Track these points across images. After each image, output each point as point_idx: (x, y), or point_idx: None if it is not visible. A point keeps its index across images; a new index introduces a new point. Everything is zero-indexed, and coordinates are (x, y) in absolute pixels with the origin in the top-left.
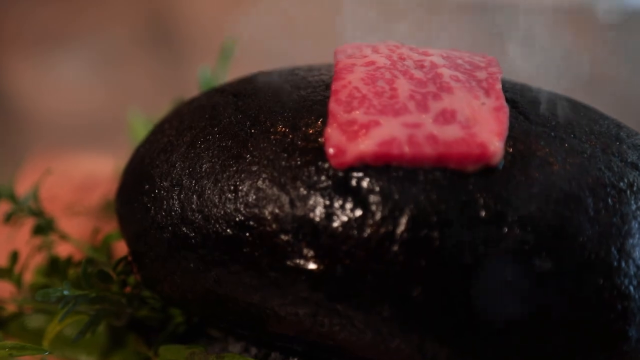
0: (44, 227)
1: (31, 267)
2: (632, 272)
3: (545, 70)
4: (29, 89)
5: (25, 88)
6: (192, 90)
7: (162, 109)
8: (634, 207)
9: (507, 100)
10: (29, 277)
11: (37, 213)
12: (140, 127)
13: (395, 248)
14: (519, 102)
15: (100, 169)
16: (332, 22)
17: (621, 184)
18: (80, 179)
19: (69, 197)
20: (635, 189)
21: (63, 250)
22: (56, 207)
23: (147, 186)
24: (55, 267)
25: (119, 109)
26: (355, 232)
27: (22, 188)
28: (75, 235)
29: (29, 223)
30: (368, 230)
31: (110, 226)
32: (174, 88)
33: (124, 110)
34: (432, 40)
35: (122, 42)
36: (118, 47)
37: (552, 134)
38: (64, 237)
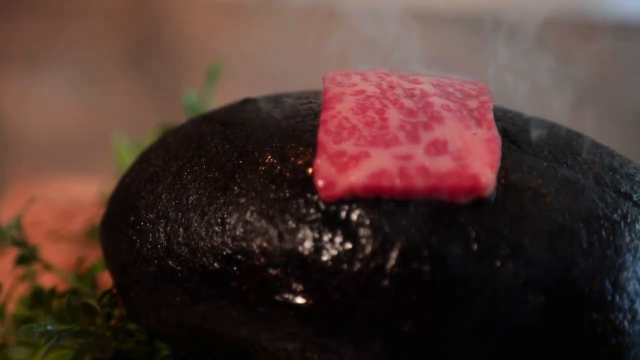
0: (28, 256)
1: (14, 298)
2: (626, 307)
3: (538, 82)
4: (10, 109)
5: (7, 109)
6: (178, 113)
7: (147, 133)
8: (627, 239)
9: (499, 129)
10: (12, 308)
11: (20, 243)
12: (124, 152)
13: (386, 282)
14: (511, 130)
15: (84, 193)
16: (324, 42)
17: (615, 215)
18: (63, 203)
19: (52, 222)
20: (629, 220)
21: (47, 279)
22: (39, 233)
23: (132, 218)
24: (39, 299)
25: (102, 131)
26: (345, 266)
27: (5, 214)
28: (59, 263)
29: (11, 252)
30: (358, 265)
31: (95, 253)
32: (159, 111)
33: (107, 132)
34: (429, 56)
35: (107, 63)
36: (102, 69)
37: (545, 164)
38: (47, 266)
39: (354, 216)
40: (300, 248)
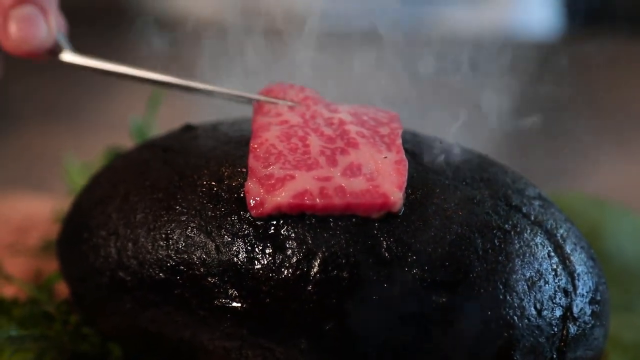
0: None
1: None
2: (515, 304)
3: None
4: None
5: None
6: (124, 136)
7: (96, 154)
8: (517, 246)
9: (408, 152)
10: None
11: None
12: (75, 172)
13: (310, 287)
14: (418, 154)
15: (37, 210)
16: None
17: (506, 225)
18: (18, 220)
19: (8, 238)
20: (518, 229)
21: (7, 289)
22: None
23: (85, 235)
24: (1, 307)
25: (54, 152)
26: (274, 274)
27: None
28: (17, 275)
29: None
30: (285, 273)
31: (51, 265)
32: (107, 133)
33: (59, 153)
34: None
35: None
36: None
37: (447, 182)
38: (8, 278)
39: (282, 231)
40: (235, 259)
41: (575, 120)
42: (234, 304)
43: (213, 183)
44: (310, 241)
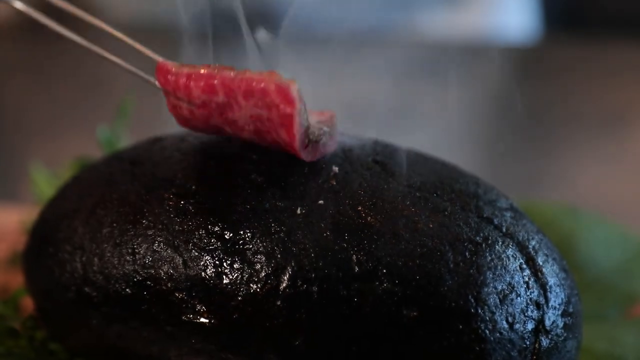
0: None
1: None
2: (487, 317)
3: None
4: None
5: None
6: (93, 145)
7: (64, 164)
8: (488, 258)
9: (378, 163)
10: None
11: None
12: (43, 182)
13: (279, 302)
14: (388, 164)
15: (4, 221)
16: None
17: (477, 238)
18: None
19: None
20: (490, 242)
21: None
22: None
23: (51, 249)
24: None
25: (21, 161)
26: (242, 289)
27: None
28: None
29: None
30: (254, 287)
31: (18, 279)
32: (76, 142)
33: (26, 163)
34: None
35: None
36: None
37: (417, 194)
38: None
39: (250, 245)
40: (202, 274)
41: (549, 125)
42: (202, 320)
43: (180, 197)
44: (279, 255)
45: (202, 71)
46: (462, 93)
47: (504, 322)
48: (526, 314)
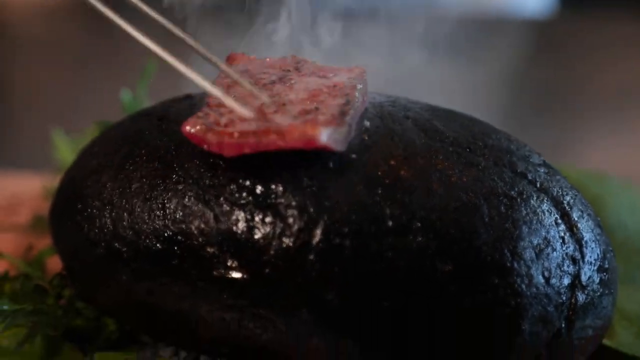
0: None
1: None
2: (523, 272)
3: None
4: None
5: None
6: (113, 111)
7: (86, 130)
8: (523, 212)
9: (410, 118)
10: None
11: None
12: (65, 148)
13: (312, 257)
14: (419, 119)
15: (25, 188)
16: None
17: (512, 192)
18: (6, 198)
19: None
20: (524, 196)
21: None
22: None
23: (79, 205)
24: None
25: (40, 128)
26: (274, 243)
27: None
28: (7, 251)
29: None
30: (286, 241)
31: (41, 241)
32: (94, 109)
33: (45, 130)
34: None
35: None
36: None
37: (450, 149)
38: None
39: (282, 199)
40: (234, 228)
41: (570, 97)
42: (234, 275)
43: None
44: (311, 209)
45: (228, 141)
46: (480, 66)
47: (540, 277)
48: (562, 269)
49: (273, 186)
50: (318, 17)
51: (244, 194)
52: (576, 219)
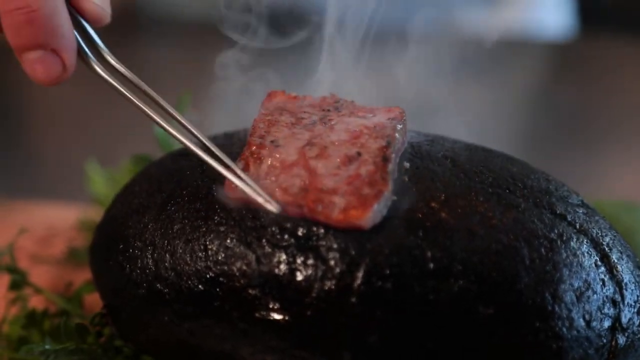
0: (19, 281)
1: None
2: (564, 315)
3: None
4: None
5: None
6: (148, 144)
7: (120, 163)
8: (564, 255)
9: (448, 158)
10: (5, 328)
11: (12, 269)
12: (98, 180)
13: (353, 299)
14: (458, 160)
15: (60, 220)
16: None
17: (552, 234)
18: (41, 229)
19: (32, 247)
20: (564, 238)
21: (34, 300)
22: (21, 257)
23: (121, 245)
24: (32, 320)
25: (75, 160)
26: (316, 285)
27: None
28: (42, 283)
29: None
30: (328, 284)
31: (78, 275)
32: (130, 140)
33: (80, 162)
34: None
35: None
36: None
37: (490, 190)
38: (38, 290)
39: (324, 242)
40: (276, 270)
41: (588, 121)
42: (276, 316)
43: None
44: (353, 251)
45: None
46: (502, 89)
47: (581, 320)
48: (603, 312)
49: (314, 228)
50: (349, 47)
51: (286, 236)
52: (616, 260)
